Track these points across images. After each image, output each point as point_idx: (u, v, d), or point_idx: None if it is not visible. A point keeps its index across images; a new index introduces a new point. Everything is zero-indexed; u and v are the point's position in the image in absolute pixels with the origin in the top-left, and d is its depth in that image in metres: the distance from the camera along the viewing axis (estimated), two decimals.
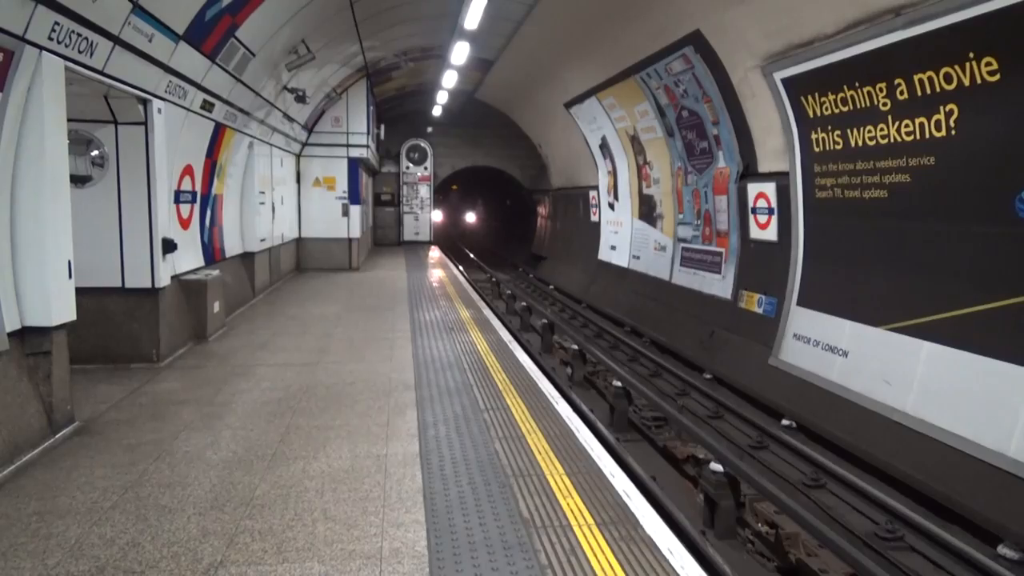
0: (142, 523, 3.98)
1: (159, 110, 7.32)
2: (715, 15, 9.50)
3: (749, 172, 10.37)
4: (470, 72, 19.57)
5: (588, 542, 3.81)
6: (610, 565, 3.58)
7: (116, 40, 5.90)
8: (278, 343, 8.94)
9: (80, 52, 5.50)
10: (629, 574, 3.50)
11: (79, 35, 5.35)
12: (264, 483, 4.57)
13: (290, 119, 14.38)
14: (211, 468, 4.80)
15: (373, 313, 11.31)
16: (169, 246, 7.65)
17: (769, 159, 9.73)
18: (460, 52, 15.36)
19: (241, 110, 10.38)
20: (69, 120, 5.52)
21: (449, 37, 15.22)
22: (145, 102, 7.14)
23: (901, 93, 6.68)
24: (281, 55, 10.90)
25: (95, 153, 7.20)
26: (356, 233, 18.33)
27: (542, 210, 27.23)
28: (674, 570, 3.54)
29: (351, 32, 12.98)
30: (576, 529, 3.96)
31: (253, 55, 9.45)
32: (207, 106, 8.85)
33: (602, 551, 3.72)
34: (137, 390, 6.68)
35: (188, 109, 8.27)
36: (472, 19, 12.10)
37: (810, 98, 8.08)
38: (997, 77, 5.64)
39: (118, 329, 7.48)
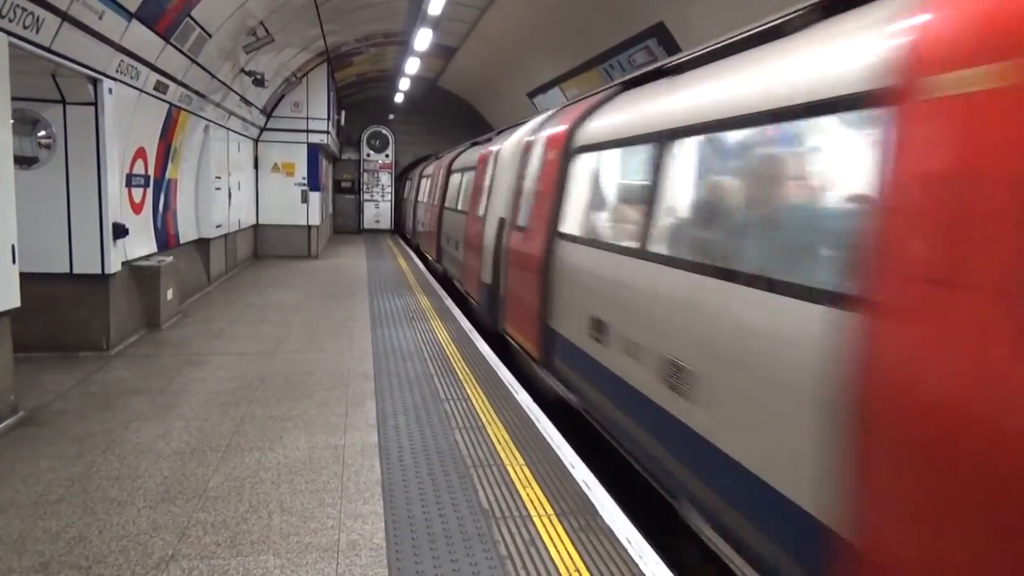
0: (89, 516, 3.86)
1: (110, 90, 7.09)
2: (678, 7, 9.56)
3: None
4: (433, 59, 19.43)
5: (547, 532, 3.81)
6: (569, 555, 3.58)
7: (64, 16, 5.68)
8: (234, 331, 8.76)
9: (26, 28, 5.28)
10: (588, 564, 3.51)
11: (24, 9, 5.13)
12: (218, 475, 4.47)
13: (248, 103, 14.07)
14: (162, 459, 4.69)
15: (332, 301, 11.17)
16: (120, 231, 7.43)
17: None
18: (423, 38, 15.22)
19: (197, 92, 10.11)
20: (13, 99, 5.31)
21: (412, 22, 15.06)
22: (95, 82, 6.90)
23: None
24: (239, 37, 10.64)
25: (42, 134, 6.94)
26: (316, 220, 18.05)
27: None
28: (632, 559, 3.56)
29: (311, 15, 12.73)
30: (536, 519, 3.96)
31: (209, 36, 9.20)
32: (161, 87, 8.60)
33: (561, 541, 3.72)
34: (86, 379, 6.49)
35: (141, 90, 8.02)
36: (436, 4, 11.98)
37: None
38: None
39: (66, 316, 7.25)
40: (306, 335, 8.63)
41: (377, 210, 28.00)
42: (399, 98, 25.70)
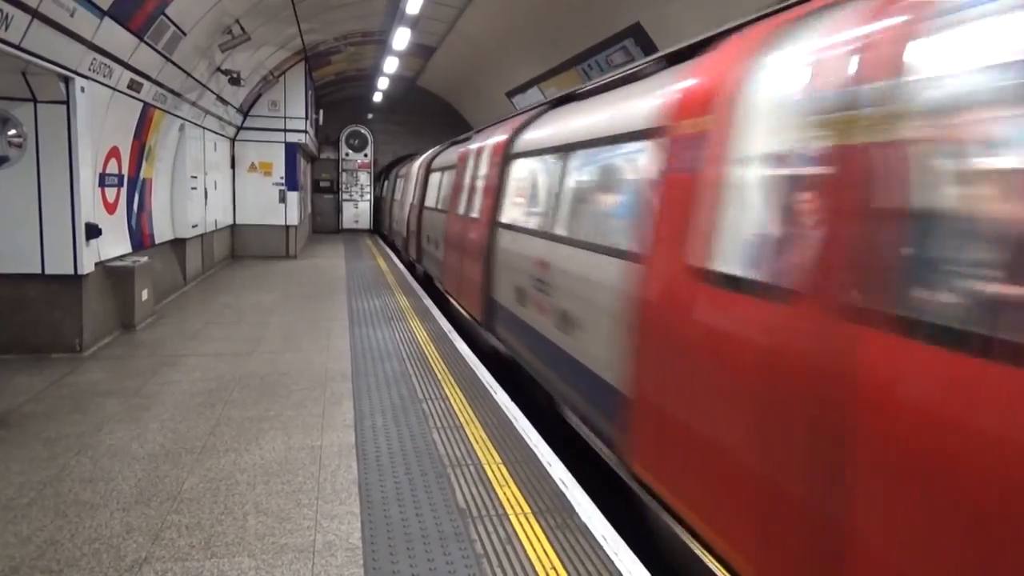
0: (61, 520, 3.82)
1: (82, 88, 7.00)
2: (655, 8, 9.62)
3: None
4: (411, 58, 19.38)
5: (524, 531, 3.83)
6: (545, 553, 3.60)
7: (34, 13, 5.59)
8: (211, 332, 8.69)
9: None
10: (564, 561, 3.53)
11: None
12: (193, 476, 4.44)
13: (224, 102, 13.94)
14: (136, 461, 4.64)
15: (310, 302, 11.11)
16: (93, 231, 7.34)
17: None
18: (401, 37, 15.19)
19: (171, 91, 10.01)
20: None
21: (390, 21, 15.01)
22: (67, 80, 6.81)
23: None
24: (214, 35, 10.55)
25: (12, 132, 6.84)
26: (294, 220, 17.93)
27: None
28: (608, 557, 3.59)
29: (288, 13, 12.65)
30: (512, 518, 3.97)
31: (184, 34, 9.11)
32: (135, 86, 8.50)
33: (538, 539, 3.74)
34: (58, 381, 6.41)
35: (114, 88, 7.92)
36: (414, 3, 11.96)
37: None
38: None
39: (38, 317, 7.15)
40: (284, 336, 8.58)
41: (356, 210, 27.86)
42: (378, 97, 25.60)
